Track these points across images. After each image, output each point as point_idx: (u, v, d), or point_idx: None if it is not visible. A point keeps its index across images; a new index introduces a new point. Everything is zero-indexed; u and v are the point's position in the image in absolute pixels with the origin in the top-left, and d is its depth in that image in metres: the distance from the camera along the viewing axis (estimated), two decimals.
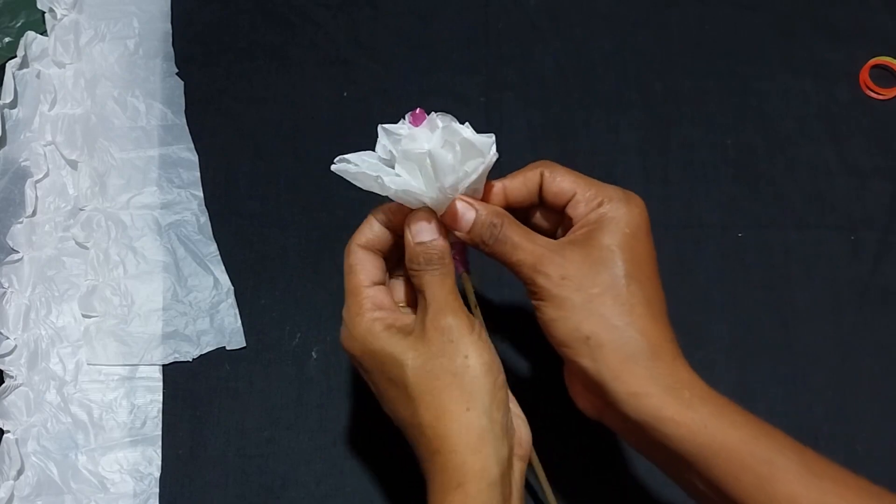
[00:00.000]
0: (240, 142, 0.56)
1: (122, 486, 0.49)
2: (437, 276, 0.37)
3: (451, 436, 0.36)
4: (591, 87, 0.57)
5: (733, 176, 0.55)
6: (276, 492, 0.49)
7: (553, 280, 0.36)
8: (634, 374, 0.35)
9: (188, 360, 0.51)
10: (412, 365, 0.36)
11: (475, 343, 0.37)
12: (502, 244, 0.37)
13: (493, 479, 0.35)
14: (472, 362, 0.36)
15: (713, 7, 0.59)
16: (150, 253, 0.53)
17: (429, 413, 0.36)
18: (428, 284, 0.37)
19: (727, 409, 0.35)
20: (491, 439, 0.36)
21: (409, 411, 0.37)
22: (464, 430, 0.35)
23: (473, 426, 0.35)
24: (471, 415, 0.36)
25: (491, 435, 0.36)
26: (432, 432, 0.36)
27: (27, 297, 0.53)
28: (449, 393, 0.36)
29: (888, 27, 0.58)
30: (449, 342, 0.36)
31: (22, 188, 0.55)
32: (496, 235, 0.37)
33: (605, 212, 0.37)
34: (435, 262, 0.38)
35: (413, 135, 0.38)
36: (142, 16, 0.59)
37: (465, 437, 0.35)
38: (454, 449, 0.35)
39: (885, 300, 0.52)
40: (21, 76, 0.57)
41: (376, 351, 0.38)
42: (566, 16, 0.58)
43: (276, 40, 0.58)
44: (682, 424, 0.34)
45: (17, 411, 0.50)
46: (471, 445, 0.35)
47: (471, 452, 0.35)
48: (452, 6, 0.59)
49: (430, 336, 0.37)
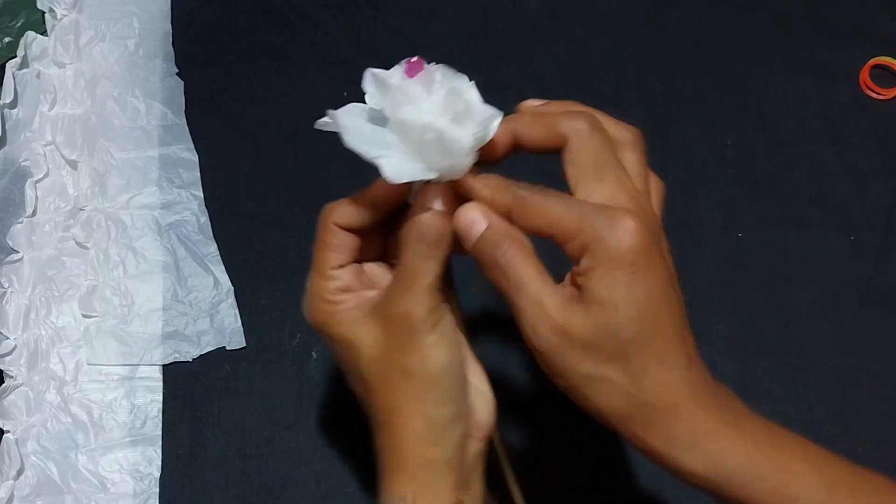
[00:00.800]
0: (240, 142, 0.56)
1: (122, 486, 0.49)
2: (433, 255, 0.34)
3: (401, 426, 0.35)
4: (591, 87, 0.57)
5: (733, 176, 0.55)
6: (276, 492, 0.49)
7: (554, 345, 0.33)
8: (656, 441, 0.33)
9: (188, 360, 0.51)
10: (367, 354, 0.35)
11: (436, 342, 0.34)
12: (504, 276, 0.33)
13: (441, 468, 0.35)
14: (431, 362, 0.35)
15: (713, 7, 0.59)
16: (150, 253, 0.53)
17: (381, 402, 0.36)
18: (414, 256, 0.34)
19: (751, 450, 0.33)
20: (441, 429, 0.35)
21: (363, 393, 0.37)
22: (414, 421, 0.35)
23: (424, 418, 0.35)
24: (423, 407, 0.35)
25: (441, 425, 0.35)
26: (384, 419, 0.36)
27: (27, 297, 0.53)
28: (403, 389, 0.35)
29: (888, 27, 0.58)
30: (408, 336, 0.34)
31: (22, 188, 0.55)
32: (499, 262, 0.33)
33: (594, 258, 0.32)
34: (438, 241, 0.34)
35: (405, 88, 0.33)
36: (142, 16, 0.59)
37: (414, 428, 0.35)
38: (406, 437, 0.35)
39: (886, 300, 0.52)
40: (21, 76, 0.57)
41: (334, 335, 0.36)
42: (566, 16, 0.58)
43: (276, 40, 0.58)
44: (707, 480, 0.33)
45: (17, 411, 0.50)
46: (419, 435, 0.35)
47: (420, 443, 0.35)
48: (452, 6, 0.59)
49: (389, 324, 0.35)
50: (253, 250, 0.53)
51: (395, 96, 0.33)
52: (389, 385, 0.35)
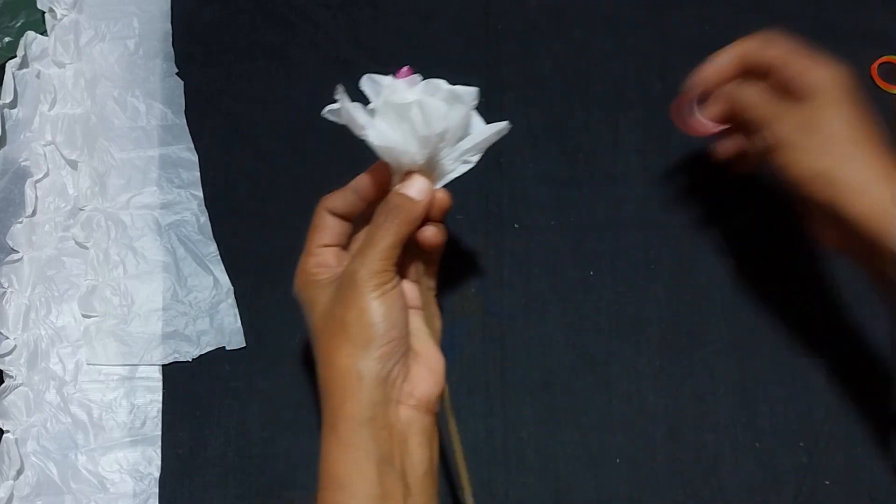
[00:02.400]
0: (240, 142, 0.56)
1: (122, 486, 0.49)
2: (393, 225, 0.40)
3: (331, 380, 0.39)
4: (591, 87, 0.57)
5: (734, 176, 0.55)
6: (276, 492, 0.49)
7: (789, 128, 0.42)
8: (864, 200, 0.40)
9: (188, 360, 0.51)
10: (319, 309, 0.40)
11: (375, 301, 0.39)
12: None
13: (362, 422, 0.37)
14: (366, 315, 0.38)
15: (713, 7, 0.58)
16: (150, 253, 0.53)
17: (320, 356, 0.40)
18: (378, 228, 0.40)
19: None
20: (365, 385, 0.38)
21: (314, 351, 0.40)
22: (341, 375, 0.38)
23: (350, 372, 0.38)
24: (349, 361, 0.38)
25: (367, 381, 0.38)
26: (321, 374, 0.39)
27: (27, 297, 0.53)
28: (337, 339, 0.39)
29: (889, 27, 0.58)
30: (350, 290, 0.39)
31: (22, 188, 0.55)
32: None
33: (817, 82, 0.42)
34: (402, 215, 0.41)
35: (395, 86, 0.41)
36: (142, 16, 0.59)
37: (340, 381, 0.38)
38: (332, 392, 0.38)
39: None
40: (21, 76, 0.57)
41: (304, 298, 0.42)
42: (566, 16, 0.58)
43: (276, 40, 0.58)
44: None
45: (16, 411, 0.50)
46: (345, 389, 0.38)
47: (344, 397, 0.38)
48: (452, 6, 0.59)
49: (341, 282, 0.40)
50: (253, 250, 0.53)
51: (385, 91, 0.41)
52: (327, 338, 0.39)
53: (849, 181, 0.41)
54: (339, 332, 0.39)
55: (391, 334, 0.39)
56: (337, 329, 0.39)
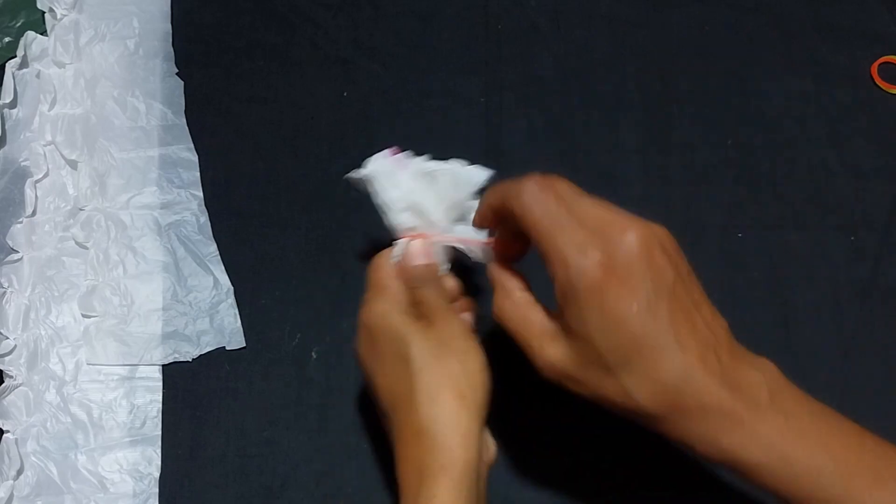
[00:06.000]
0: (240, 142, 0.56)
1: (122, 486, 0.49)
2: (434, 288, 0.41)
3: (441, 419, 0.37)
4: (591, 87, 0.57)
5: (733, 176, 0.55)
6: (276, 492, 0.49)
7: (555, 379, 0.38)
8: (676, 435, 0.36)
9: (188, 360, 0.51)
10: (419, 345, 0.39)
11: (475, 348, 0.40)
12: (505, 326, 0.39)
13: (476, 472, 0.37)
14: (472, 362, 0.39)
15: (713, 7, 0.59)
16: (150, 253, 0.53)
17: (424, 392, 0.38)
18: (428, 296, 0.41)
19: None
20: (475, 436, 0.37)
21: (405, 387, 0.39)
22: (455, 417, 0.37)
23: (463, 417, 0.37)
24: (463, 405, 0.38)
25: (476, 432, 0.38)
26: (424, 411, 0.37)
27: (27, 297, 0.53)
28: (447, 379, 0.38)
29: (889, 27, 0.58)
30: (454, 337, 0.39)
31: (22, 188, 0.55)
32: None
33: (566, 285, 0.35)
34: (430, 279, 0.41)
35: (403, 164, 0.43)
36: (142, 16, 0.59)
37: (454, 424, 0.37)
38: (443, 432, 0.37)
39: (886, 300, 0.52)
40: (21, 76, 0.57)
41: (389, 326, 0.40)
42: (566, 16, 0.58)
43: (276, 40, 0.58)
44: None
45: (16, 411, 0.50)
46: (459, 433, 0.37)
47: (459, 440, 0.37)
48: (452, 6, 0.59)
49: (437, 327, 0.40)
50: (253, 250, 0.53)
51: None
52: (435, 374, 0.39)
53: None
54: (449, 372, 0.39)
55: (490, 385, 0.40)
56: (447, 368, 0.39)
